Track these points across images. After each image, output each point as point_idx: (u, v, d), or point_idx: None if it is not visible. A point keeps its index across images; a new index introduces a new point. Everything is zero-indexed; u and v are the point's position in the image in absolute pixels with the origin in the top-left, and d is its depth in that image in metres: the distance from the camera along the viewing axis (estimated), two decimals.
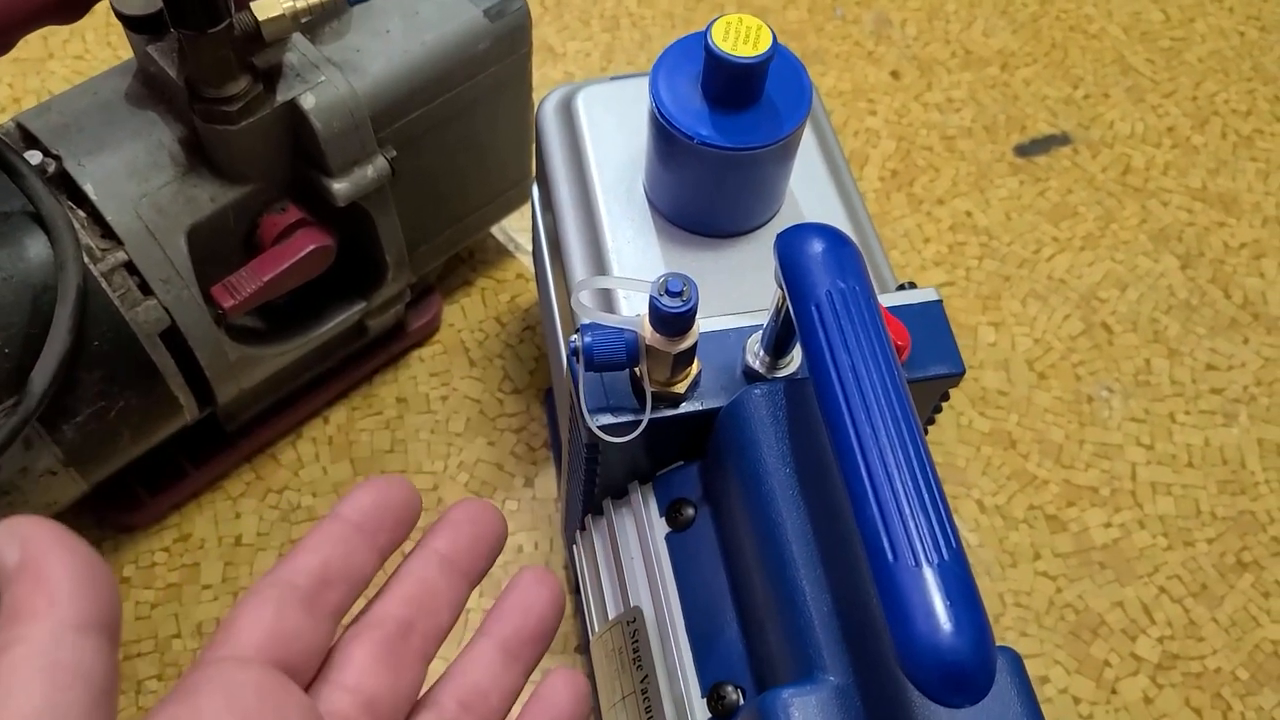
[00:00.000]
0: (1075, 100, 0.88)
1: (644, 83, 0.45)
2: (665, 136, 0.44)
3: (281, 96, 0.50)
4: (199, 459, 0.65)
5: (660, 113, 0.43)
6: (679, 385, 0.40)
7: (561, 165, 0.50)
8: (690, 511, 0.44)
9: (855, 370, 0.32)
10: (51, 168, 0.49)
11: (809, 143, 0.50)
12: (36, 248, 0.47)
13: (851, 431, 0.31)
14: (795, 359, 0.41)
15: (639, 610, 0.44)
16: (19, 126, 0.51)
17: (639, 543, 0.46)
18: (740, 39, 0.41)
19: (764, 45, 0.41)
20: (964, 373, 0.42)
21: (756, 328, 0.42)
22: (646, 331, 0.38)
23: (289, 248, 0.54)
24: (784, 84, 0.44)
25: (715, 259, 0.47)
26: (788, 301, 0.36)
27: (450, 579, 0.29)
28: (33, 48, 0.83)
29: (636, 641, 0.44)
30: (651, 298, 0.37)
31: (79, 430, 0.51)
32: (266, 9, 0.47)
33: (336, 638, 0.27)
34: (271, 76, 0.51)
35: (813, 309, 0.34)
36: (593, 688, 0.50)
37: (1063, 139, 0.85)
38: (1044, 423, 0.72)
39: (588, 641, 0.54)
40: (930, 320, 0.43)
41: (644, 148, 0.47)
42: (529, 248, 0.75)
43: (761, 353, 0.41)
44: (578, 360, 0.39)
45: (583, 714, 0.30)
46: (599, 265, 0.47)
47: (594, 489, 0.48)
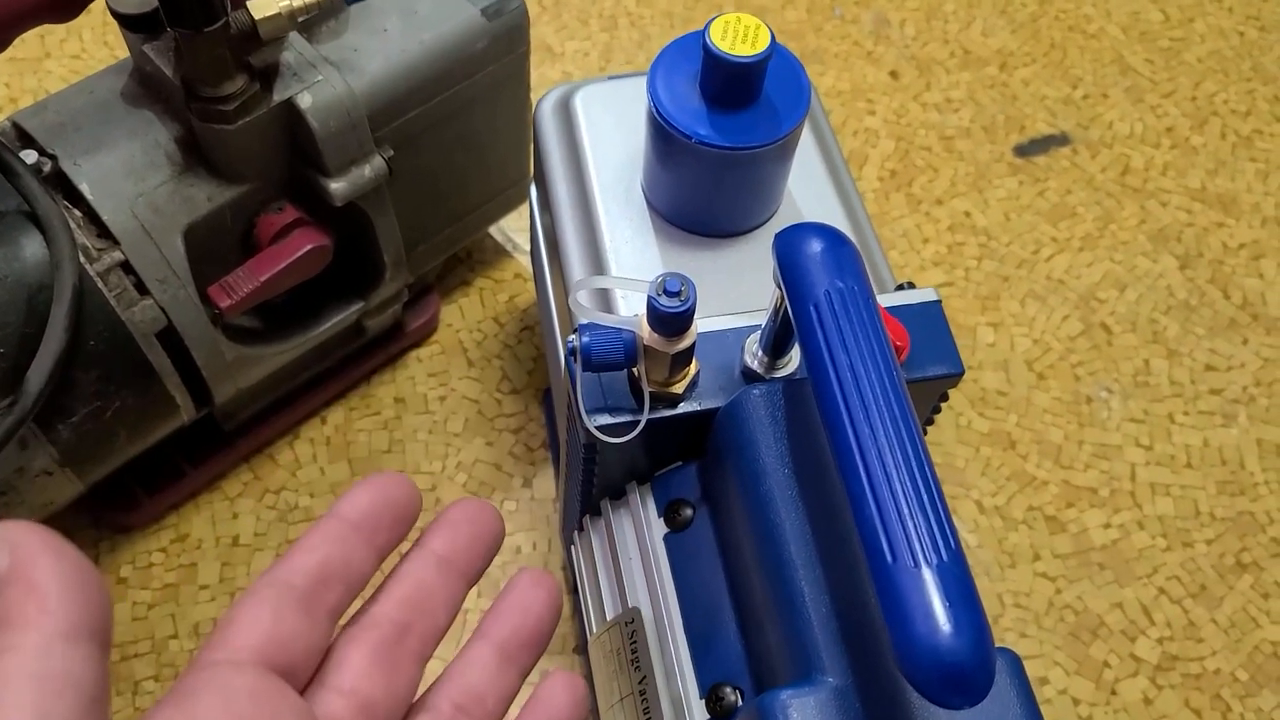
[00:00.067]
0: (1074, 100, 0.88)
1: (642, 82, 0.45)
2: (663, 136, 0.43)
3: (278, 96, 0.50)
4: (196, 459, 0.64)
5: (658, 112, 0.43)
6: (677, 385, 0.40)
7: (559, 165, 0.50)
8: (688, 512, 0.44)
9: (854, 370, 0.32)
10: (47, 167, 0.49)
11: (807, 143, 0.50)
12: (32, 247, 0.47)
13: (850, 432, 0.31)
14: (794, 359, 0.41)
15: (637, 611, 0.44)
16: (15, 125, 0.51)
17: (637, 543, 0.46)
18: (738, 38, 0.41)
19: (762, 44, 0.40)
20: (963, 373, 0.42)
21: (755, 328, 0.42)
22: (644, 331, 0.38)
23: (286, 247, 0.54)
24: (782, 84, 0.44)
25: (713, 259, 0.47)
26: (786, 301, 0.35)
27: (447, 580, 0.29)
28: (29, 47, 0.83)
29: (635, 642, 0.44)
30: (649, 298, 0.36)
31: (75, 430, 0.51)
32: (263, 8, 0.47)
33: (334, 637, 0.27)
34: (268, 75, 0.50)
35: (811, 309, 0.34)
36: (591, 689, 0.50)
37: (1062, 139, 0.85)
38: (1043, 423, 0.71)
39: (586, 642, 0.54)
40: (929, 320, 0.43)
41: (642, 147, 0.47)
42: (527, 247, 0.75)
43: (760, 353, 0.41)
44: (575, 360, 0.39)
45: (580, 717, 0.30)
46: (597, 265, 0.47)
47: (592, 489, 0.47)
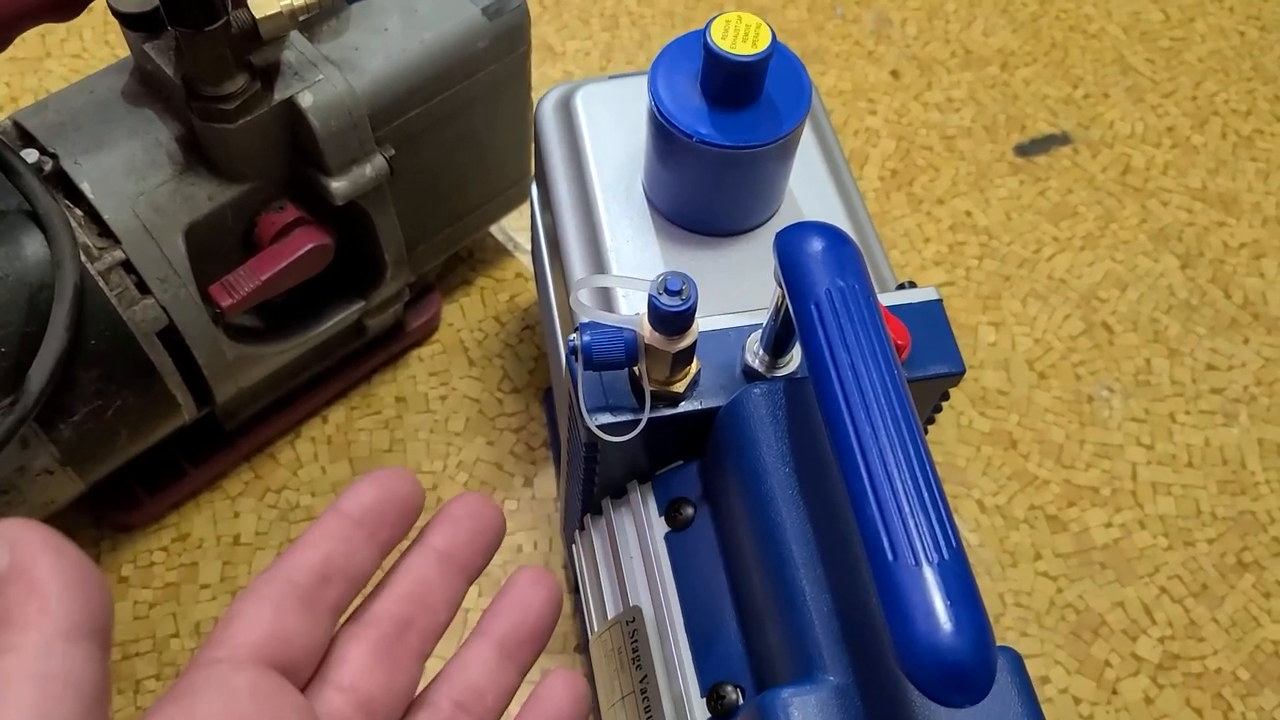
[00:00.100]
0: (1075, 100, 0.88)
1: (643, 81, 0.45)
2: (664, 135, 0.43)
3: (279, 95, 0.50)
4: (197, 458, 0.64)
5: (659, 111, 0.43)
6: (678, 384, 0.40)
7: (560, 164, 0.50)
8: (689, 511, 0.44)
9: (855, 369, 0.32)
10: (48, 166, 0.49)
11: (808, 142, 0.50)
12: (33, 246, 0.47)
13: (851, 431, 0.31)
14: (795, 358, 0.41)
15: (638, 610, 0.44)
16: (16, 125, 0.51)
17: (638, 542, 0.46)
18: (739, 37, 0.41)
19: (763, 44, 0.40)
20: (964, 372, 0.42)
21: (756, 327, 0.42)
22: (645, 330, 0.38)
23: (287, 246, 0.54)
24: (783, 83, 0.44)
25: (714, 258, 0.47)
26: (787, 300, 0.35)
27: (448, 576, 0.29)
28: (30, 46, 0.83)
29: (636, 641, 0.44)
30: (650, 296, 0.36)
31: (76, 429, 0.51)
32: (264, 6, 0.47)
33: (335, 633, 0.27)
34: (269, 75, 0.50)
35: (812, 308, 0.34)
36: (592, 687, 0.50)
37: (1063, 139, 0.85)
38: (1044, 423, 0.71)
39: (587, 641, 0.54)
40: (930, 319, 0.43)
41: (643, 146, 0.47)
42: (528, 247, 0.75)
43: (761, 352, 0.41)
44: (576, 359, 0.39)
45: (581, 715, 0.30)
46: (598, 264, 0.47)
47: (593, 488, 0.47)
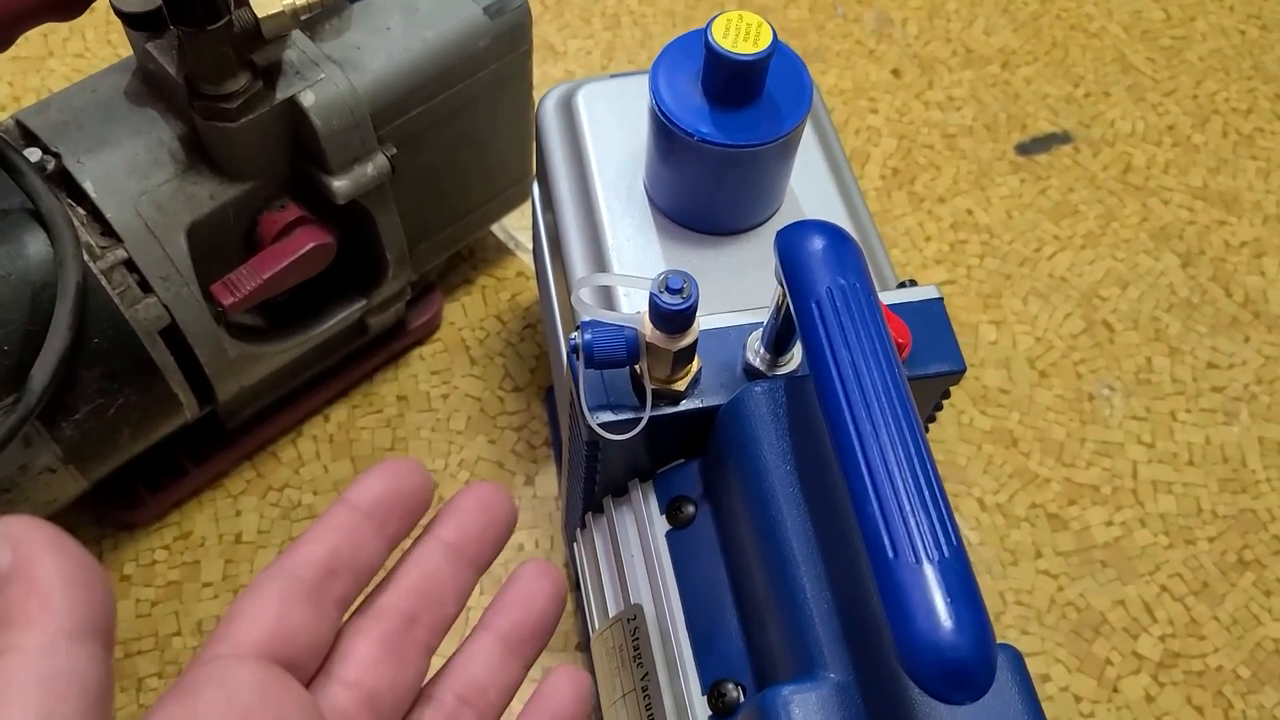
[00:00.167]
0: (1076, 99, 0.88)
1: (644, 81, 0.45)
2: (665, 134, 0.43)
3: (281, 94, 0.50)
4: (199, 457, 0.64)
5: (660, 110, 0.43)
6: (679, 383, 0.40)
7: (562, 163, 0.50)
8: (690, 509, 0.44)
9: (856, 367, 0.32)
10: (51, 165, 0.49)
11: (810, 141, 0.50)
12: (36, 245, 0.47)
13: (852, 429, 0.31)
14: (796, 356, 0.41)
15: (639, 608, 0.44)
16: (18, 124, 0.51)
17: (639, 540, 0.46)
18: (740, 36, 0.41)
19: (764, 42, 0.41)
20: (965, 370, 0.42)
21: (757, 325, 0.42)
22: (647, 329, 0.38)
23: (289, 245, 0.54)
24: (784, 82, 0.44)
25: (715, 256, 0.47)
26: (788, 298, 0.36)
27: (456, 569, 0.28)
28: (33, 46, 0.83)
29: (637, 639, 0.44)
30: (652, 295, 0.36)
31: (78, 428, 0.51)
32: (266, 6, 0.47)
33: (341, 625, 0.27)
34: (271, 74, 0.50)
35: (813, 306, 0.34)
36: (593, 685, 0.50)
37: (1064, 137, 0.85)
38: (1045, 421, 0.71)
39: (588, 639, 0.54)
40: (931, 318, 0.43)
41: (644, 145, 0.47)
42: (529, 245, 0.75)
43: (762, 350, 0.41)
44: (578, 358, 0.39)
45: (585, 712, 0.30)
46: (599, 263, 0.47)
47: (594, 487, 0.48)
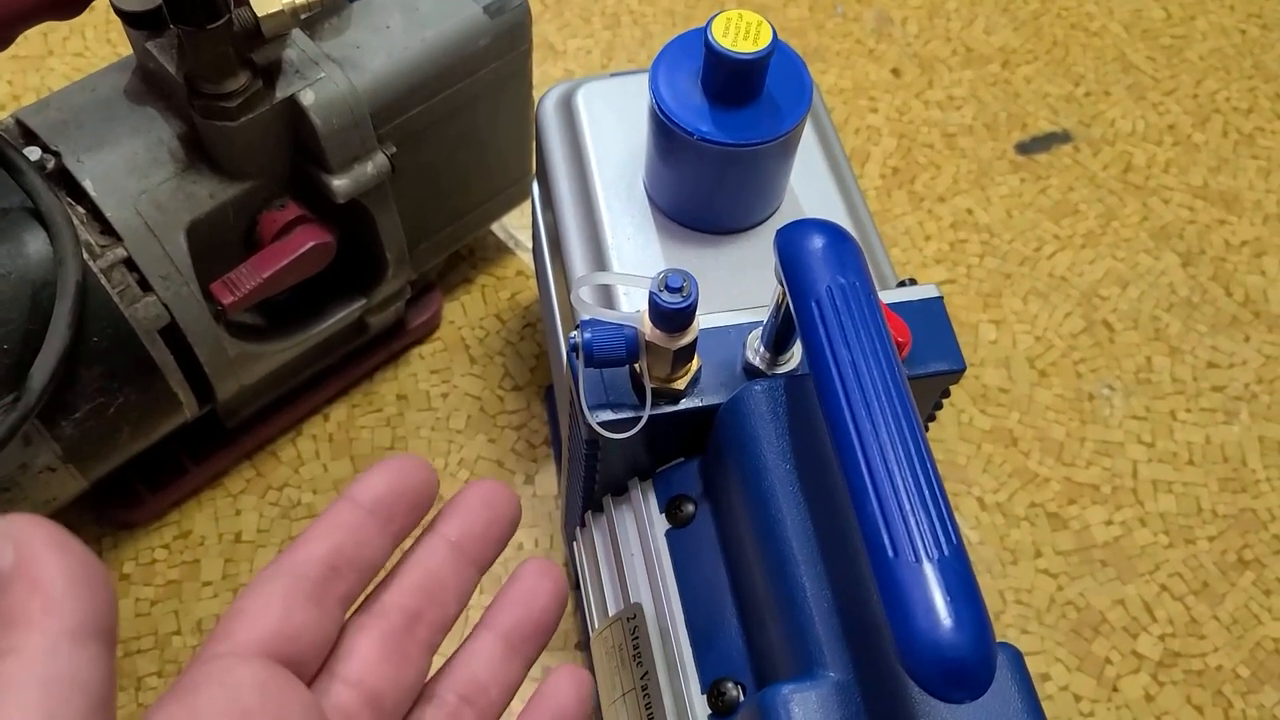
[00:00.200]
0: (1076, 98, 0.88)
1: (644, 80, 0.45)
2: (665, 133, 0.43)
3: (281, 93, 0.50)
4: (199, 456, 0.64)
5: (660, 109, 0.43)
6: (679, 381, 0.40)
7: (562, 162, 0.50)
8: (690, 508, 0.44)
9: (855, 366, 0.32)
10: (51, 164, 0.49)
11: (809, 140, 0.50)
12: (36, 244, 0.47)
13: (852, 428, 0.31)
14: (795, 355, 0.41)
15: (639, 607, 0.44)
16: (18, 123, 0.51)
17: (639, 539, 0.46)
18: (740, 35, 0.41)
19: (764, 41, 0.40)
20: (964, 370, 0.42)
21: (757, 324, 0.42)
22: (646, 328, 0.38)
23: (288, 244, 0.54)
24: (784, 81, 0.44)
25: (715, 255, 0.47)
26: (788, 297, 0.36)
27: (459, 567, 0.28)
28: (32, 44, 0.83)
29: (636, 638, 0.44)
30: (651, 294, 0.36)
31: (78, 427, 0.51)
32: (266, 4, 0.47)
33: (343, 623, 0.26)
34: (271, 73, 0.50)
35: (813, 305, 0.34)
36: (594, 684, 0.50)
37: (1064, 137, 0.85)
38: (1045, 420, 0.71)
39: (588, 638, 0.54)
40: (931, 317, 0.43)
41: (644, 144, 0.47)
42: (529, 245, 0.75)
43: (762, 349, 0.41)
44: (577, 356, 0.39)
45: (586, 712, 0.30)
46: (599, 261, 0.47)
47: (594, 486, 0.48)
